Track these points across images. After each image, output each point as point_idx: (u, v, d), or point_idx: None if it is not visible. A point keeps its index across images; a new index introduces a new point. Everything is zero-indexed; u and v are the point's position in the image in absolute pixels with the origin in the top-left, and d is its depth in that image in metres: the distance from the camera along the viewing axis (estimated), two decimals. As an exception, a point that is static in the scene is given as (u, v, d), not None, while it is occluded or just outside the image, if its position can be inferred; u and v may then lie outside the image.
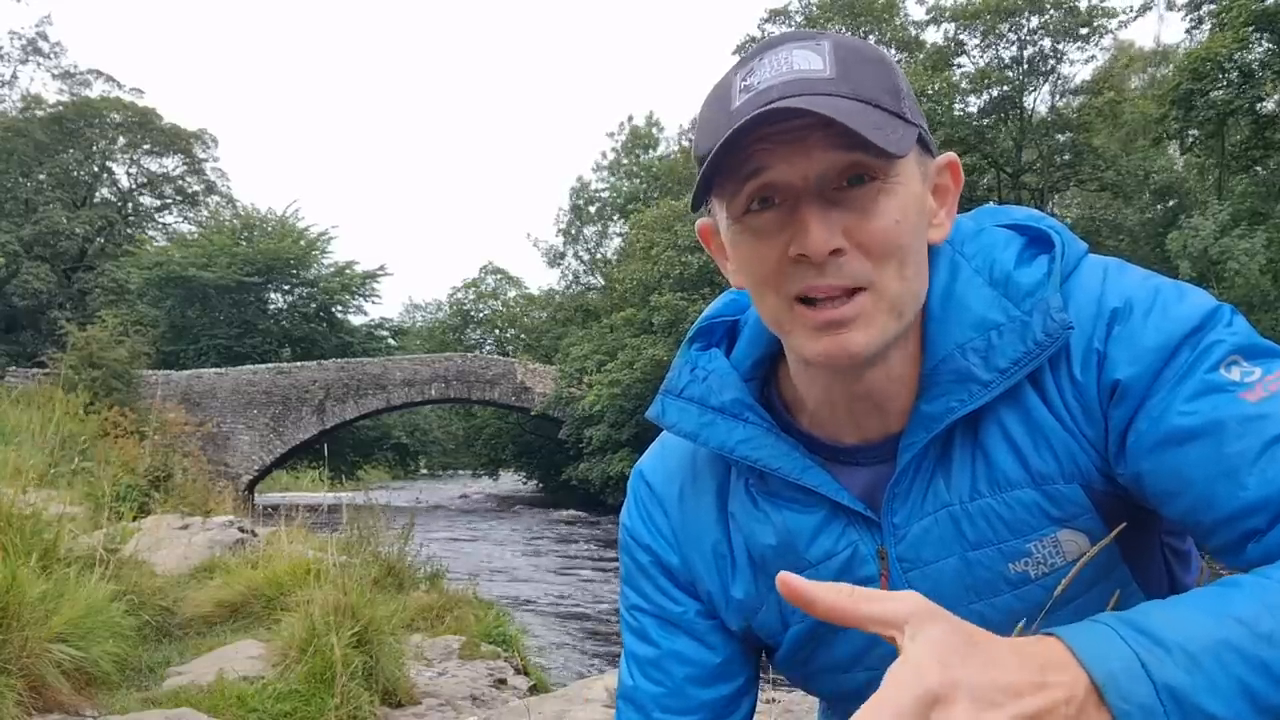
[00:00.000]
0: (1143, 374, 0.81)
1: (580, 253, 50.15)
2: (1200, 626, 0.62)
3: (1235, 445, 0.75)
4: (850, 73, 0.79)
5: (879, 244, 0.79)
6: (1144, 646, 0.60)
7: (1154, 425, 0.80)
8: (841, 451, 0.93)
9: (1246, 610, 0.63)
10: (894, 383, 0.88)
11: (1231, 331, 0.81)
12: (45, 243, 40.71)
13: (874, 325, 0.80)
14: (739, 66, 0.83)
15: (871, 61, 0.81)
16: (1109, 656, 0.59)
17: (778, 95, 0.77)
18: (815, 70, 0.78)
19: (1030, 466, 0.85)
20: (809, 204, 0.78)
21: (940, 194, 0.88)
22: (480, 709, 5.58)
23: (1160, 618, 0.62)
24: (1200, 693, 0.59)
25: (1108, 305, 0.84)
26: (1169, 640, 0.60)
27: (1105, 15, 26.31)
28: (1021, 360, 0.83)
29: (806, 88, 0.77)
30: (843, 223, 0.78)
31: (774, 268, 0.81)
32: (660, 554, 1.01)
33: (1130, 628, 0.61)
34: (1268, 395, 0.76)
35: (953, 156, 0.89)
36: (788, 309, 0.82)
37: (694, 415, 0.95)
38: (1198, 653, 0.60)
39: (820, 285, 0.79)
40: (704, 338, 1.01)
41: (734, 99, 0.80)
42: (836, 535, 0.92)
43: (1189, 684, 0.59)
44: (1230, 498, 0.75)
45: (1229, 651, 0.60)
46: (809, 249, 0.77)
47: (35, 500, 6.16)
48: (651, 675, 0.99)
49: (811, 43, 0.81)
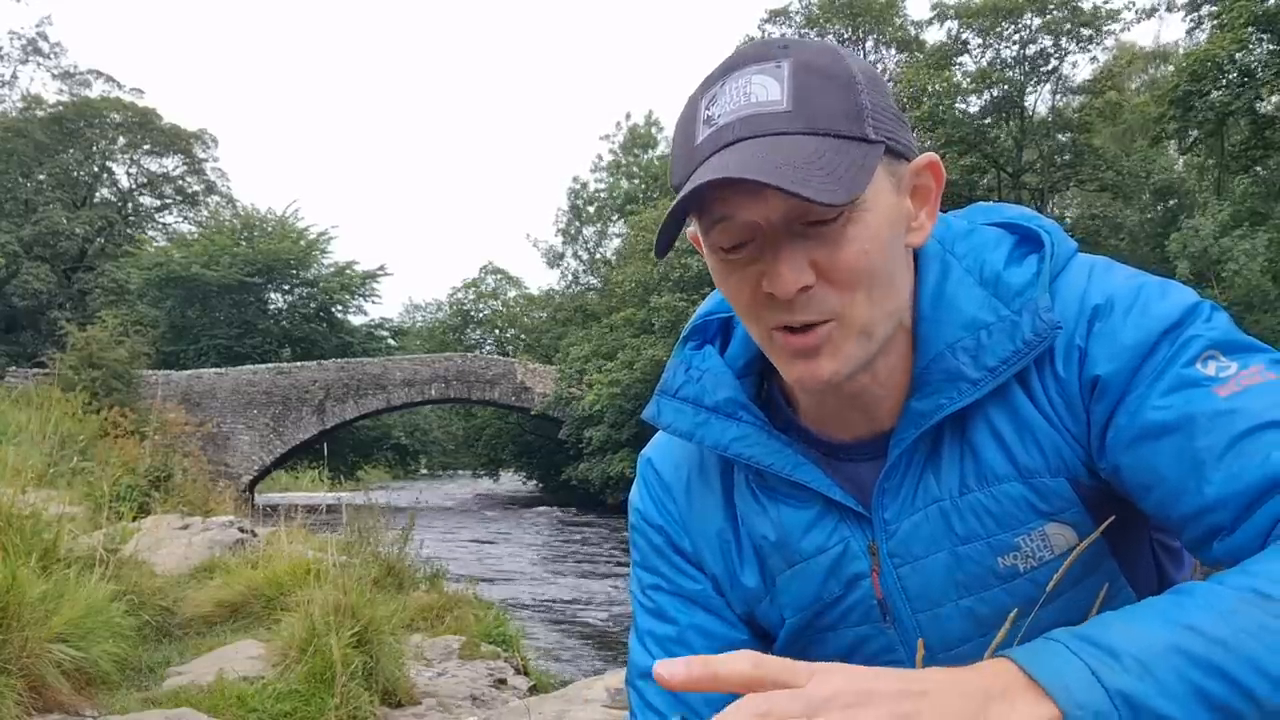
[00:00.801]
0: (1121, 370, 0.82)
1: (579, 253, 50.20)
2: (1153, 635, 0.62)
3: (1203, 440, 0.76)
4: (807, 101, 0.79)
5: (847, 274, 0.80)
6: (1095, 657, 0.61)
7: (1130, 420, 0.81)
8: (836, 448, 0.95)
9: (1199, 618, 0.63)
10: (882, 386, 0.90)
11: (1210, 326, 0.82)
12: (45, 243, 40.71)
13: (841, 352, 0.82)
14: (705, 87, 0.84)
15: (832, 80, 0.80)
16: (1062, 670, 0.60)
17: (733, 136, 0.78)
18: (772, 103, 0.79)
19: (1017, 462, 0.87)
20: (776, 244, 0.80)
21: (921, 195, 0.88)
22: (480, 709, 5.58)
23: (1113, 629, 0.63)
24: (1153, 697, 0.59)
25: (1090, 302, 0.85)
26: (1120, 650, 0.61)
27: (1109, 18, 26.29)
28: (1010, 359, 0.85)
29: (761, 126, 0.78)
30: (811, 255, 0.79)
31: (750, 300, 0.83)
32: (672, 535, 1.02)
33: (1082, 641, 0.63)
34: (1239, 390, 0.77)
35: (933, 156, 0.89)
36: (767, 337, 0.85)
37: (689, 415, 0.97)
38: (1149, 660, 0.61)
39: (791, 321, 0.81)
40: (698, 335, 1.03)
41: (698, 133, 0.82)
42: (829, 531, 0.93)
43: (1141, 689, 0.59)
44: (1196, 493, 0.76)
45: (1180, 657, 0.61)
46: (777, 290, 0.79)
47: (35, 500, 6.16)
48: (674, 652, 0.98)
49: (772, 65, 0.81)
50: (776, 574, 0.96)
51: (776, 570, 0.96)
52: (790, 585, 0.95)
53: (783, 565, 0.96)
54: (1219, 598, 0.65)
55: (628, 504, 1.09)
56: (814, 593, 0.95)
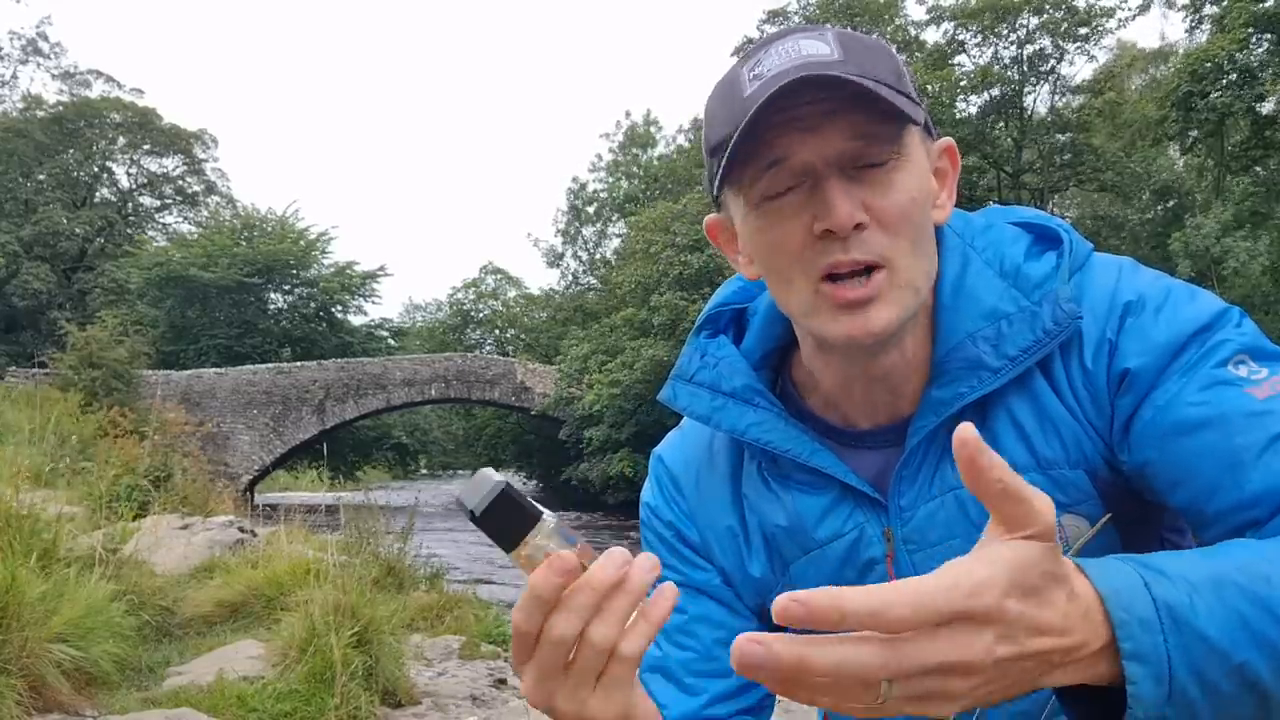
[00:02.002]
0: (1151, 365, 0.83)
1: (579, 253, 50.22)
2: (1203, 565, 0.64)
3: (1241, 438, 0.77)
4: (857, 57, 0.82)
5: (897, 218, 0.82)
6: (1148, 573, 0.62)
7: (1161, 415, 0.82)
8: (852, 436, 0.96)
9: (1246, 557, 0.65)
10: (907, 365, 0.91)
11: (1240, 332, 0.83)
12: (45, 243, 40.73)
13: (894, 302, 0.83)
14: (745, 59, 0.85)
15: (874, 48, 0.85)
16: (1114, 575, 0.61)
17: (788, 79, 0.79)
18: (823, 54, 0.82)
19: (1037, 452, 0.88)
20: (830, 180, 0.81)
21: (940, 176, 0.91)
22: (480, 709, 5.58)
23: (1165, 558, 0.65)
24: (1198, 615, 0.60)
25: (1121, 298, 0.87)
26: (1171, 571, 0.62)
27: (1104, 15, 26.34)
28: (1031, 348, 0.86)
29: (819, 69, 0.80)
30: (862, 197, 0.81)
31: (799, 247, 0.83)
32: (682, 529, 1.03)
33: (1137, 562, 0.63)
34: (1275, 394, 0.78)
35: (949, 141, 0.92)
36: (812, 290, 0.84)
37: (706, 399, 0.98)
38: (1198, 582, 0.62)
39: (845, 260, 0.82)
40: (711, 325, 1.04)
41: (745, 87, 0.83)
42: (844, 516, 0.94)
43: (1187, 604, 0.60)
44: (1234, 488, 0.77)
45: (1228, 585, 0.62)
46: (834, 223, 0.80)
47: (34, 500, 6.16)
48: (680, 642, 1.00)
49: (815, 32, 0.84)
50: (791, 561, 0.97)
51: (791, 557, 0.97)
52: (805, 572, 0.96)
53: (797, 552, 0.96)
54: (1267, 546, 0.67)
55: (639, 501, 1.10)
56: (829, 579, 0.94)
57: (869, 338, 0.83)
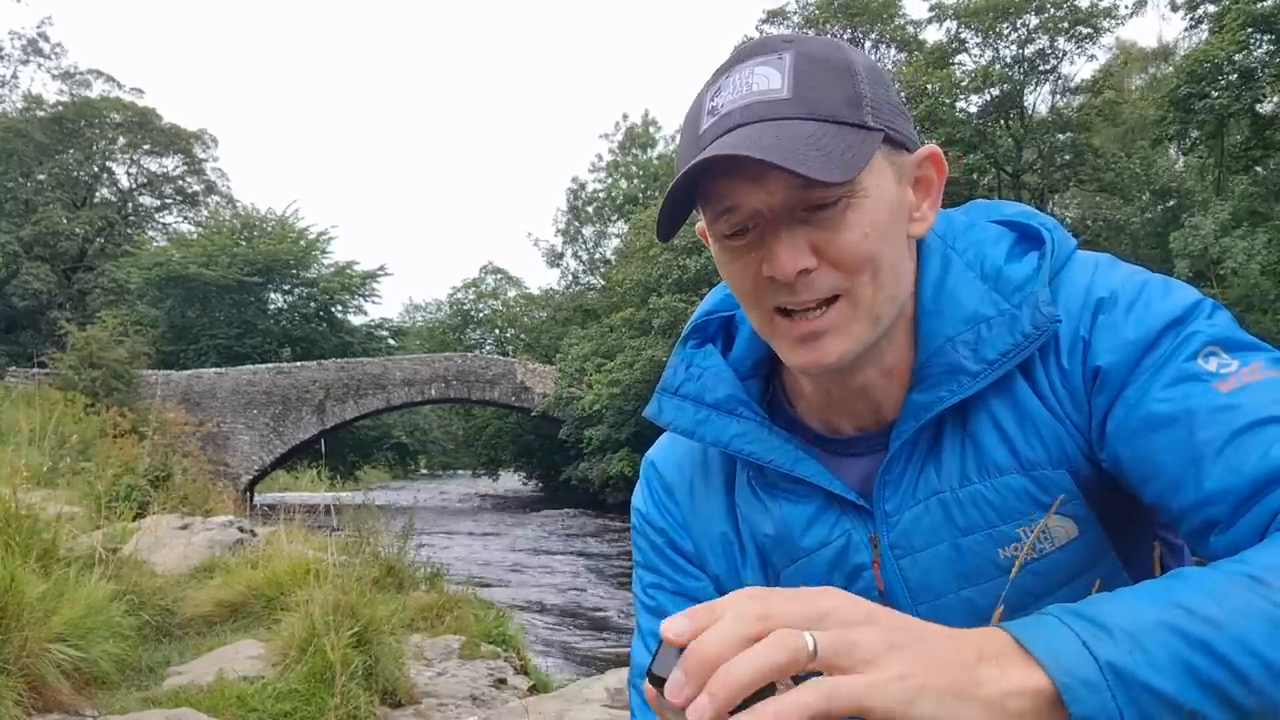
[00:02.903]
0: (1122, 362, 0.83)
1: (579, 253, 50.19)
2: (1144, 612, 0.62)
3: (1203, 434, 0.76)
4: (808, 89, 0.81)
5: (848, 258, 0.81)
6: (1086, 630, 0.61)
7: (1130, 412, 0.82)
8: (838, 443, 0.95)
9: (1190, 597, 0.63)
10: (885, 376, 0.91)
11: (1211, 324, 0.83)
12: (45, 243, 40.71)
13: (849, 334, 0.83)
14: (711, 82, 0.86)
15: (832, 70, 0.82)
16: (1053, 640, 0.60)
17: (735, 122, 0.80)
18: (773, 91, 0.81)
19: (1019, 453, 0.87)
20: (776, 229, 0.81)
21: (923, 186, 0.90)
22: (480, 709, 5.58)
23: (1105, 606, 0.64)
24: (1142, 669, 0.60)
25: (1094, 295, 0.86)
26: (1112, 624, 0.61)
27: (1105, 14, 26.32)
28: (1009, 352, 0.86)
29: (762, 112, 0.80)
30: (811, 240, 0.81)
31: (752, 286, 0.85)
32: (674, 537, 1.03)
33: (1073, 615, 0.63)
34: (1240, 386, 0.78)
35: (934, 148, 0.90)
36: (769, 321, 0.86)
37: (690, 412, 0.98)
38: (1139, 634, 0.61)
39: (793, 301, 0.83)
40: (698, 334, 1.04)
41: (702, 122, 0.84)
42: (830, 524, 0.94)
43: (1130, 661, 0.60)
44: (1194, 486, 0.76)
45: (1171, 633, 0.61)
46: (777, 273, 0.81)
47: (34, 500, 6.16)
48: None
49: (774, 57, 0.83)
50: (780, 570, 0.97)
51: (780, 566, 0.97)
52: (795, 580, 0.96)
53: (786, 562, 0.96)
54: (1212, 581, 0.65)
55: (631, 505, 1.10)
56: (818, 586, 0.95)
57: (822, 369, 0.84)
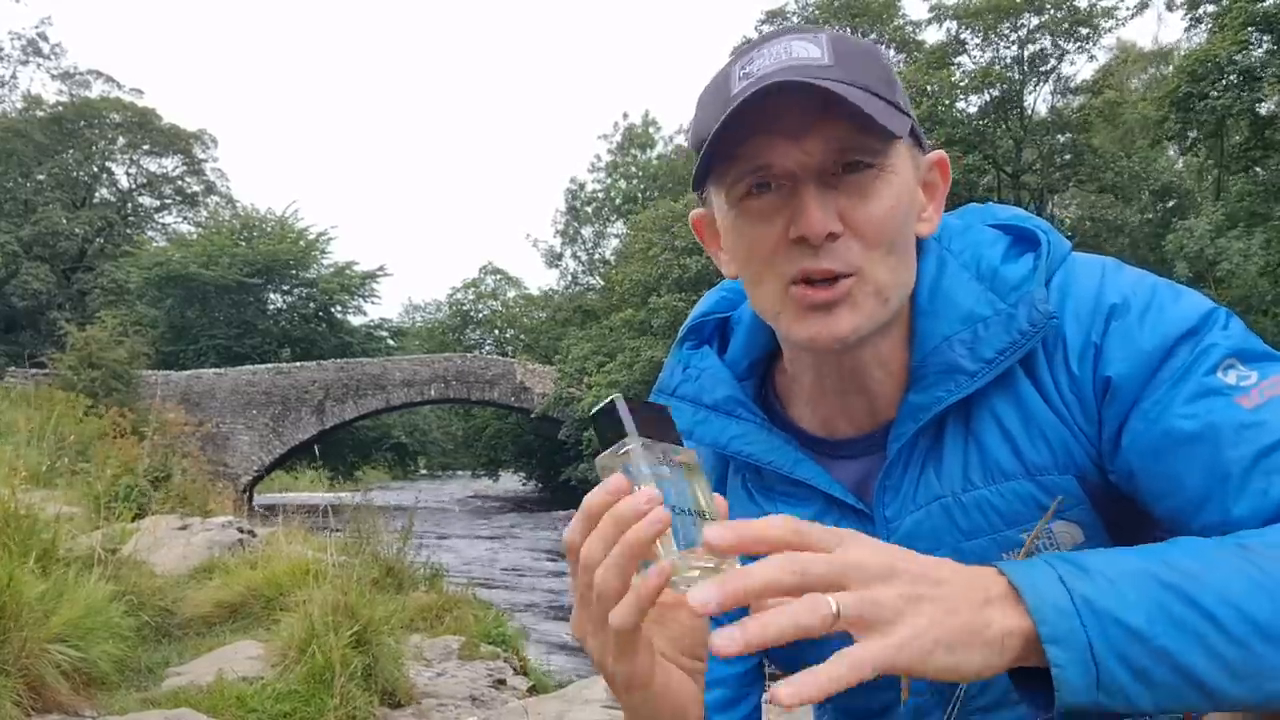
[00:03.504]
0: (1137, 373, 0.82)
1: (578, 253, 50.16)
2: (1127, 561, 0.65)
3: (1229, 453, 0.76)
4: (848, 62, 0.81)
5: (874, 228, 0.81)
6: (1068, 570, 0.64)
7: (1150, 426, 0.80)
8: (835, 445, 0.94)
9: (1176, 555, 0.66)
10: (883, 369, 0.90)
11: (1228, 334, 0.81)
12: (45, 243, 40.68)
13: (861, 310, 0.83)
14: (737, 57, 0.85)
15: (867, 54, 0.84)
16: (1035, 577, 0.63)
17: (776, 80, 0.79)
18: (814, 58, 0.81)
19: (1024, 457, 0.86)
20: (808, 187, 0.80)
21: (929, 189, 0.90)
22: (480, 709, 5.57)
23: (1092, 556, 0.66)
24: (1112, 601, 0.62)
25: (1106, 301, 0.85)
26: (1093, 568, 0.64)
27: (1105, 15, 26.32)
28: (1006, 350, 0.85)
29: (806, 73, 0.79)
30: (839, 206, 0.80)
31: (772, 250, 0.83)
32: None
33: (1061, 559, 0.65)
34: (1263, 401, 0.77)
35: (941, 154, 0.91)
36: (782, 291, 0.84)
37: (688, 413, 0.97)
38: (1118, 577, 0.63)
39: (816, 269, 0.81)
40: (694, 336, 1.03)
41: (734, 85, 0.82)
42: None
43: (1102, 595, 0.62)
44: (1221, 505, 0.76)
45: (1148, 578, 0.63)
46: (808, 231, 0.79)
47: (33, 500, 6.15)
48: None
49: (809, 35, 0.84)
50: None
51: None
52: None
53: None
54: (1201, 545, 0.68)
55: None
56: None
57: (834, 341, 0.83)
